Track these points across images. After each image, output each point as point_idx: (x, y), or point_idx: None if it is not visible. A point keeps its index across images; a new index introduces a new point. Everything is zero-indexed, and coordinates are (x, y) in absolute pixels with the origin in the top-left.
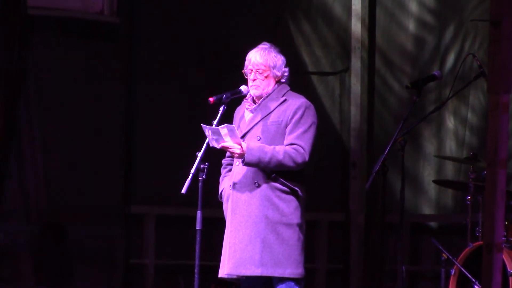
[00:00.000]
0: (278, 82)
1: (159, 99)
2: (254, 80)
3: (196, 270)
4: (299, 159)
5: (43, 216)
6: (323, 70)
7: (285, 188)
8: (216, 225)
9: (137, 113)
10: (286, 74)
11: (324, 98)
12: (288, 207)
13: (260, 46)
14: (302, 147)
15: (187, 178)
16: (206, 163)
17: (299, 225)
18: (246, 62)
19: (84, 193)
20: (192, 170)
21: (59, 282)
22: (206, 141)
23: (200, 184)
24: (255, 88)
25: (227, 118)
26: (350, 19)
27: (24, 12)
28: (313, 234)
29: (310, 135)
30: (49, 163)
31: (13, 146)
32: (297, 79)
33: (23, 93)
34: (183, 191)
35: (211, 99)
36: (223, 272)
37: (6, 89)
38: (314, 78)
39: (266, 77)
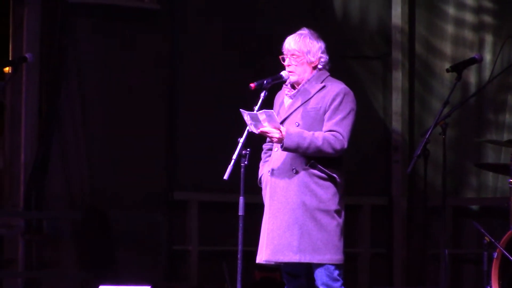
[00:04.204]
0: (315, 68)
1: (200, 85)
2: (288, 65)
3: (239, 256)
4: (338, 146)
5: (86, 203)
6: (365, 55)
7: (323, 175)
8: (259, 210)
9: (179, 100)
10: (323, 60)
11: (366, 82)
12: (326, 194)
13: (298, 31)
14: (341, 134)
15: (229, 164)
16: (248, 149)
17: (337, 211)
18: (283, 48)
19: (127, 180)
20: (234, 156)
21: (102, 268)
22: (248, 127)
23: (242, 170)
24: (291, 75)
25: (268, 104)
26: (390, 4)
27: (64, 0)
28: (356, 218)
29: (349, 122)
30: (92, 150)
31: (55, 133)
32: (339, 64)
33: (65, 80)
34: (225, 177)
35: (252, 84)
36: (261, 258)
37: (48, 76)
38: (356, 62)
39: (300, 63)
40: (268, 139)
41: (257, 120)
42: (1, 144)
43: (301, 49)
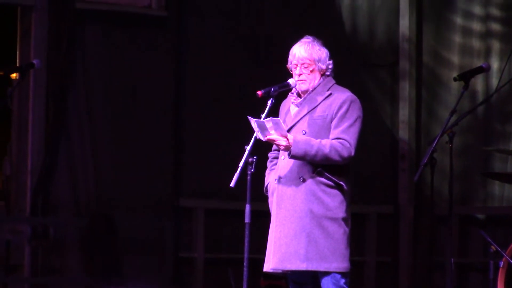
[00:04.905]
0: (323, 75)
1: (207, 92)
2: (300, 74)
3: (245, 264)
4: (345, 153)
5: (92, 209)
6: (372, 64)
7: (330, 183)
8: (265, 218)
9: (186, 107)
10: (330, 67)
11: (373, 91)
12: (333, 201)
13: (303, 40)
14: (348, 141)
15: (236, 171)
16: (255, 157)
17: (344, 219)
18: (290, 57)
19: (133, 186)
20: (241, 164)
21: (108, 274)
22: (255, 134)
23: (248, 177)
24: (302, 83)
25: (275, 111)
26: (398, 13)
27: (72, 6)
28: (362, 227)
29: (355, 129)
30: (99, 156)
31: (62, 139)
32: (347, 72)
33: (72, 86)
34: (232, 184)
35: (259, 92)
36: (268, 267)
37: (55, 82)
38: (364, 71)
39: (311, 71)
40: (274, 147)
41: (264, 128)
42: (8, 150)
43: (313, 57)
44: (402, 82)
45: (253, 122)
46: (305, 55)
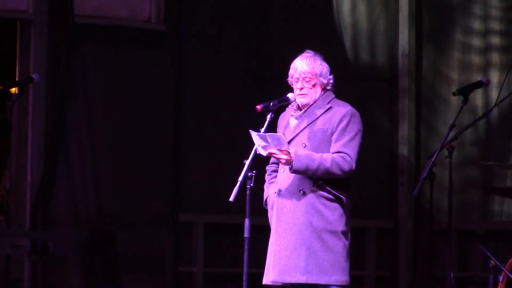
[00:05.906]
0: (324, 89)
1: (207, 106)
2: (301, 88)
3: (244, 278)
4: (346, 167)
5: (92, 223)
6: (371, 79)
7: (330, 196)
8: (264, 232)
9: (185, 121)
10: (331, 81)
11: (373, 106)
12: (333, 215)
13: (305, 54)
14: (349, 155)
15: (235, 186)
16: (254, 171)
17: (344, 233)
18: (292, 71)
19: (133, 201)
20: (240, 178)
21: None
22: (254, 148)
23: (248, 192)
24: (303, 97)
25: (273, 125)
26: (397, 28)
27: (71, 21)
28: (361, 241)
29: (356, 143)
30: (98, 171)
31: (62, 154)
32: (346, 87)
33: (71, 101)
34: (231, 199)
35: (258, 106)
36: (267, 279)
37: (55, 96)
38: (363, 86)
39: (313, 85)
40: (272, 160)
41: (266, 142)
42: (7, 164)
43: (314, 71)
44: (401, 97)
45: (255, 135)
46: (307, 69)
